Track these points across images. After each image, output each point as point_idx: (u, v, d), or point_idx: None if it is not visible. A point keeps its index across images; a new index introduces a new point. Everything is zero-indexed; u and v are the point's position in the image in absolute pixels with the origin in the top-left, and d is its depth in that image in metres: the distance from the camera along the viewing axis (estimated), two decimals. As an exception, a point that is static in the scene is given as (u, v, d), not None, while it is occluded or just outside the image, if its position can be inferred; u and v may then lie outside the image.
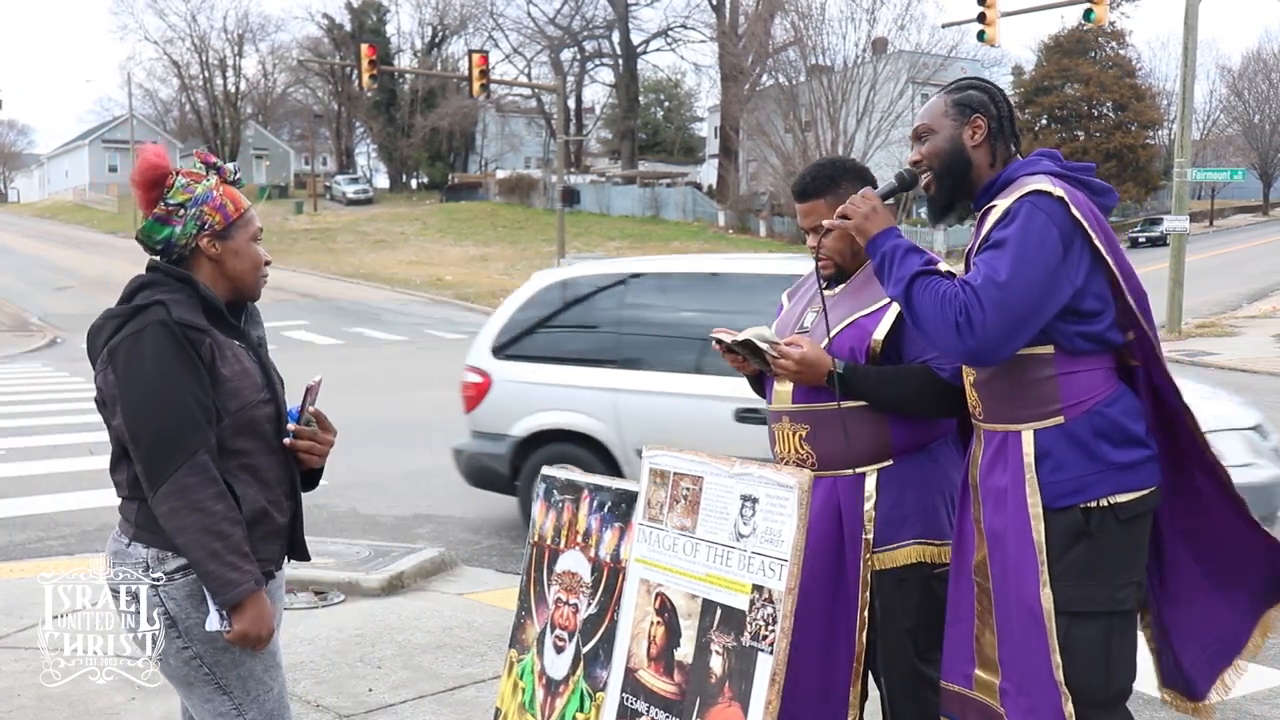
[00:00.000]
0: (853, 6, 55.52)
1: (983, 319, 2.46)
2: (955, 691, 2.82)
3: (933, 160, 2.73)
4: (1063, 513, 2.55)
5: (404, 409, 12.05)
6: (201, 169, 2.51)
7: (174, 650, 2.39)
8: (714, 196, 54.59)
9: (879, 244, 2.68)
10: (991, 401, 2.68)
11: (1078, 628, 2.54)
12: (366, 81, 29.04)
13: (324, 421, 2.63)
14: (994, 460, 2.67)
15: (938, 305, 2.53)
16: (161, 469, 2.29)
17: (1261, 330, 20.48)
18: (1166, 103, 56.30)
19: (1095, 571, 2.55)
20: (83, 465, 9.35)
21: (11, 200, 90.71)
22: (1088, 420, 2.57)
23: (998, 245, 2.52)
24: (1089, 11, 20.73)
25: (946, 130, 2.72)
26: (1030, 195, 2.54)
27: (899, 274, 2.63)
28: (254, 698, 2.45)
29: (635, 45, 60.45)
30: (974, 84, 2.80)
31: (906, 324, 2.86)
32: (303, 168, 71.93)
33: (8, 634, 4.99)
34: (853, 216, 2.72)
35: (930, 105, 2.79)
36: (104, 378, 2.37)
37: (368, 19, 63.60)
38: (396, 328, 25.91)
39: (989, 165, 2.71)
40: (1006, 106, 2.76)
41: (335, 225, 50.81)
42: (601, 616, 2.92)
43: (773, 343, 2.89)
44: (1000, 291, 2.46)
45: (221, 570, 2.30)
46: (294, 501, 2.56)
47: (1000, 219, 2.55)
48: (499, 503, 7.94)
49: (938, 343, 2.60)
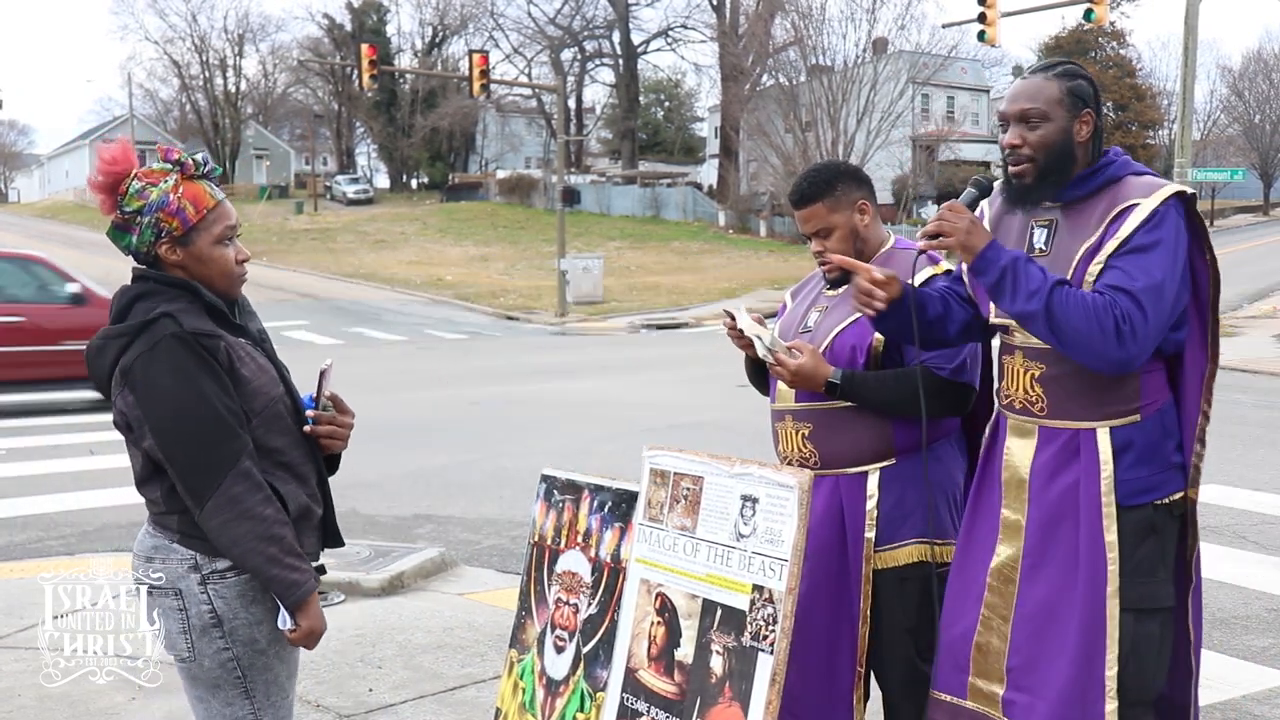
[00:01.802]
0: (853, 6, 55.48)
1: (1144, 324, 2.43)
2: (947, 701, 2.77)
3: (1040, 151, 2.59)
4: (1136, 510, 2.55)
5: (404, 409, 12.05)
6: (165, 166, 2.34)
7: (213, 651, 2.35)
8: (714, 196, 54.57)
9: (993, 259, 2.52)
10: (1061, 398, 2.61)
11: (1142, 625, 2.54)
12: (367, 81, 29.00)
13: (341, 404, 2.57)
14: (1058, 457, 2.62)
15: (1090, 313, 2.44)
16: (206, 484, 2.23)
17: (1262, 330, 20.46)
18: (1167, 103, 56.29)
19: (1158, 568, 2.57)
20: (83, 465, 9.33)
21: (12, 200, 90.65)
22: (1159, 419, 2.59)
23: (1146, 249, 2.47)
24: (1089, 11, 20.72)
25: (1060, 120, 2.58)
26: (1173, 198, 2.52)
27: (1030, 287, 2.48)
28: (272, 703, 2.43)
29: (635, 45, 60.48)
30: (1079, 71, 2.65)
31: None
32: (303, 168, 71.93)
33: (8, 634, 4.98)
34: (952, 234, 2.55)
35: (1039, 89, 2.60)
36: (123, 400, 2.28)
37: (368, 19, 63.59)
38: (397, 328, 25.90)
39: (1086, 162, 2.63)
40: (1100, 100, 2.69)
41: (335, 225, 50.79)
42: (602, 616, 2.92)
43: (772, 350, 2.88)
44: (1158, 296, 2.45)
45: (283, 573, 2.28)
46: (324, 490, 2.53)
47: (1147, 220, 2.49)
48: (499, 503, 7.94)
49: (1087, 351, 2.47)
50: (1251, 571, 5.89)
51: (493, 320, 28.50)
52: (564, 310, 28.48)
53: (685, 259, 40.78)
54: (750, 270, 37.31)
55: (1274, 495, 7.64)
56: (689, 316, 27.92)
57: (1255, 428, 10.51)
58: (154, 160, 2.38)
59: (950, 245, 2.58)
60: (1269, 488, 7.87)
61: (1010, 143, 2.62)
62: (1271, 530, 6.79)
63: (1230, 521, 6.89)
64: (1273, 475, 8.29)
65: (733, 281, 34.60)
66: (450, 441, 10.42)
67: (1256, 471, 8.43)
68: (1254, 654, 4.72)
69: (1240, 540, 6.53)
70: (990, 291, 2.58)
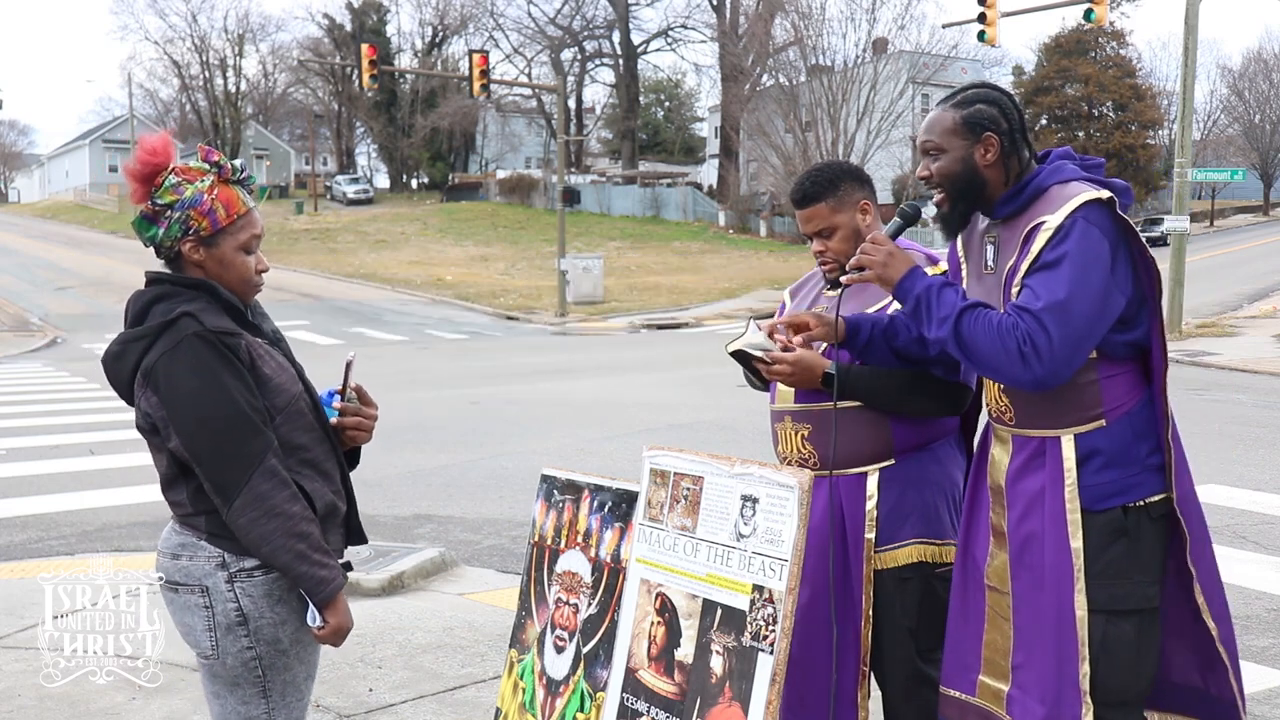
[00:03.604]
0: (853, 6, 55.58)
1: (1048, 344, 2.40)
2: (955, 697, 2.80)
3: (944, 181, 2.63)
4: (1103, 514, 2.54)
5: (404, 409, 12.05)
6: (203, 166, 2.36)
7: (237, 649, 2.34)
8: (714, 196, 54.61)
9: (908, 288, 2.58)
10: (1026, 408, 2.62)
11: (1114, 626, 2.54)
12: (367, 81, 28.98)
13: (365, 396, 2.58)
14: (1027, 465, 2.63)
15: (995, 336, 2.45)
16: (233, 482, 2.23)
17: (1262, 330, 20.46)
18: (1167, 103, 56.31)
19: (1131, 570, 2.55)
20: (83, 465, 9.34)
21: (12, 200, 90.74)
22: (1128, 422, 2.56)
23: (1052, 265, 2.44)
24: (1089, 11, 20.72)
25: (957, 150, 2.61)
26: (1081, 209, 2.46)
27: (940, 314, 2.52)
28: (288, 704, 2.44)
29: (636, 45, 60.50)
30: (981, 95, 2.65)
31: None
32: (303, 168, 71.98)
33: (8, 634, 4.98)
34: (871, 266, 2.62)
35: (936, 120, 2.64)
36: (146, 401, 2.27)
37: (368, 19, 63.62)
38: (397, 328, 25.92)
39: (1003, 182, 2.62)
40: (1017, 115, 2.64)
41: (336, 225, 50.81)
42: (602, 616, 2.92)
43: (766, 350, 2.89)
44: (1063, 313, 2.40)
45: (312, 570, 2.29)
46: (347, 486, 2.53)
47: (1052, 237, 2.46)
48: (499, 503, 7.94)
49: (996, 373, 2.51)
50: (1251, 571, 5.89)
51: (493, 320, 28.51)
52: (564, 310, 28.50)
53: (685, 259, 40.80)
54: (750, 270, 37.33)
55: (1274, 495, 7.64)
56: (689, 316, 27.94)
57: (1255, 428, 10.51)
58: (194, 159, 2.39)
59: (869, 279, 2.66)
60: (1269, 488, 7.87)
61: (920, 175, 2.70)
62: (1271, 530, 6.79)
63: (1230, 521, 6.88)
64: (1273, 475, 8.29)
65: (733, 281, 34.62)
66: (450, 441, 10.42)
67: (1257, 471, 8.43)
68: (1254, 654, 4.72)
69: (1240, 540, 6.53)
70: (910, 319, 2.65)
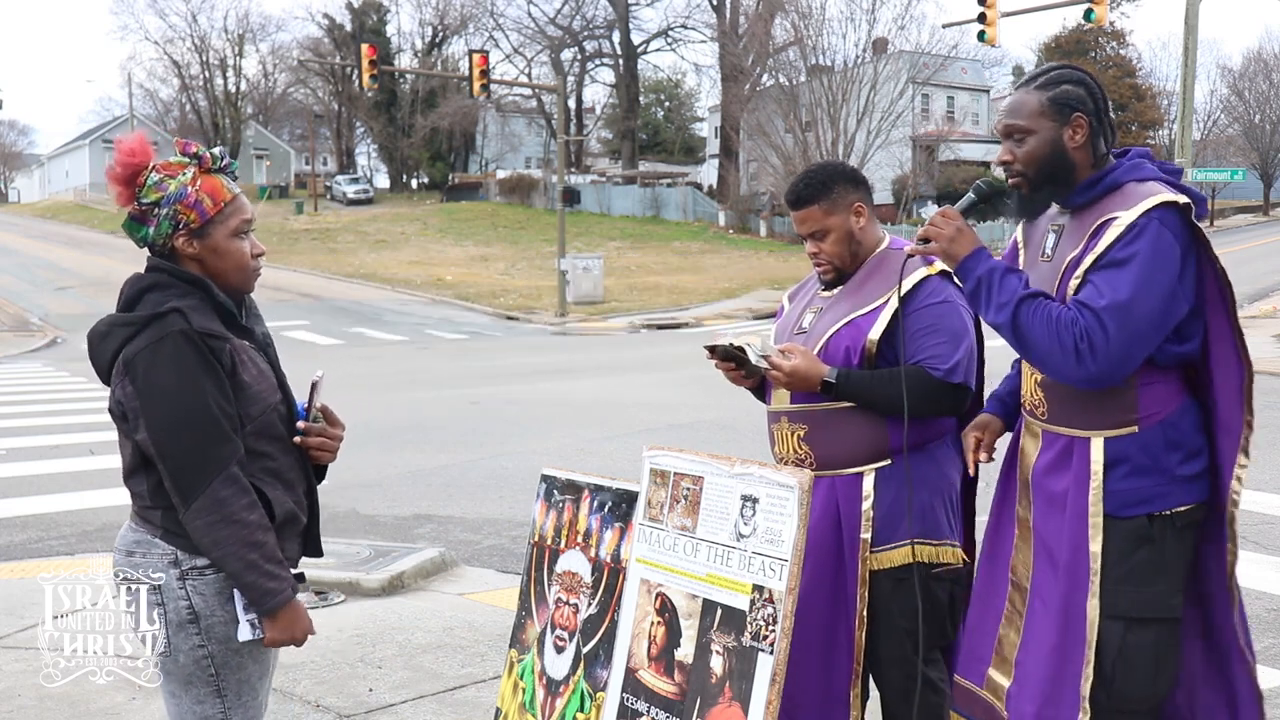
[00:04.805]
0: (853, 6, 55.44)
1: (1105, 343, 2.38)
2: (965, 687, 2.80)
3: (1029, 165, 2.58)
4: (1128, 520, 2.51)
5: (404, 409, 12.05)
6: (182, 159, 2.35)
7: (188, 647, 2.35)
8: (714, 196, 54.57)
9: (971, 268, 2.54)
10: (1058, 404, 2.60)
11: (1133, 634, 2.52)
12: (367, 81, 28.98)
13: (331, 416, 2.58)
14: (1056, 463, 2.61)
15: (1053, 329, 2.42)
16: (194, 484, 2.23)
17: (1262, 330, 20.43)
18: (1167, 103, 56.30)
19: (1155, 578, 2.52)
20: (83, 465, 9.34)
21: (12, 200, 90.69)
22: (1161, 431, 2.53)
23: (1120, 264, 2.41)
24: (1089, 11, 20.73)
25: (1045, 132, 2.55)
26: (1157, 210, 2.43)
27: (1000, 299, 2.49)
28: (243, 703, 2.43)
29: (635, 45, 60.45)
30: (1067, 75, 2.60)
31: (901, 324, 2.86)
32: (303, 168, 71.91)
33: (8, 634, 4.98)
34: (937, 240, 2.58)
35: (1021, 103, 2.59)
36: (122, 389, 2.28)
37: (368, 19, 63.57)
38: (397, 328, 25.92)
39: (1090, 164, 2.58)
40: (1103, 97, 2.60)
41: (336, 225, 50.79)
42: (602, 616, 2.92)
43: (765, 355, 2.89)
44: (1124, 314, 2.37)
45: (261, 580, 2.28)
46: (311, 499, 2.53)
47: (1124, 234, 2.43)
48: (499, 503, 7.94)
49: (1048, 366, 2.49)
50: (1251, 571, 5.89)
51: (493, 320, 28.51)
52: (564, 310, 28.49)
53: (685, 259, 40.78)
54: (750, 270, 37.31)
55: (1274, 495, 7.64)
56: (689, 316, 27.93)
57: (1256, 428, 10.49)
58: (171, 153, 2.38)
59: (935, 251, 2.61)
60: (1269, 488, 7.86)
61: (1002, 159, 2.64)
62: (1271, 530, 6.79)
63: (1230, 521, 6.87)
64: (1273, 475, 8.29)
65: (733, 281, 34.60)
66: (450, 441, 10.42)
67: (1257, 471, 8.39)
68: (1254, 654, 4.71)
69: (1240, 540, 6.50)
70: (969, 299, 2.62)
